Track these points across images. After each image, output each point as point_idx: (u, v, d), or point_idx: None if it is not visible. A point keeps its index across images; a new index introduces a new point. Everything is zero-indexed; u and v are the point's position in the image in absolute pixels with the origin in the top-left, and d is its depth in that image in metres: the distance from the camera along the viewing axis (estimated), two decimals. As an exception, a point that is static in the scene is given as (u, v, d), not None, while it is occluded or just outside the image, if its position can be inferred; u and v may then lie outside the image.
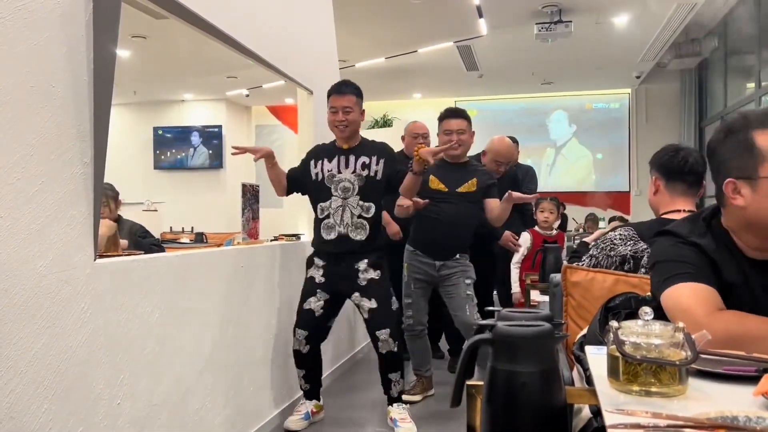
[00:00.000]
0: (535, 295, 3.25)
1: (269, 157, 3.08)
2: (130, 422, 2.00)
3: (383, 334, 2.96)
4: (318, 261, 3.07)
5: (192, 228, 8.26)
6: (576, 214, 8.98)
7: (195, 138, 10.43)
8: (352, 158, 3.03)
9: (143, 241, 3.36)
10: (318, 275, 3.05)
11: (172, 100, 10.50)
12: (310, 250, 3.66)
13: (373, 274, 3.00)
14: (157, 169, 10.53)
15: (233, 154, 3.02)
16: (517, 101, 10.47)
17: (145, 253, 2.69)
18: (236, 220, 3.29)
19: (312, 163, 3.09)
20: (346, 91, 3.02)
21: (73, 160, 1.78)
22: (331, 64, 4.50)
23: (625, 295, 1.48)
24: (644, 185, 9.69)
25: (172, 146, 10.50)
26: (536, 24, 6.41)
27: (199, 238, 7.23)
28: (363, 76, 8.57)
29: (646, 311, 1.06)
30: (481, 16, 6.37)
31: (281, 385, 3.24)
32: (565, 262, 2.12)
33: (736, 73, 7.53)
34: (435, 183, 3.40)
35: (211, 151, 10.37)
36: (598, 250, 2.02)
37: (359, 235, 2.98)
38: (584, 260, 2.07)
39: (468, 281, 3.42)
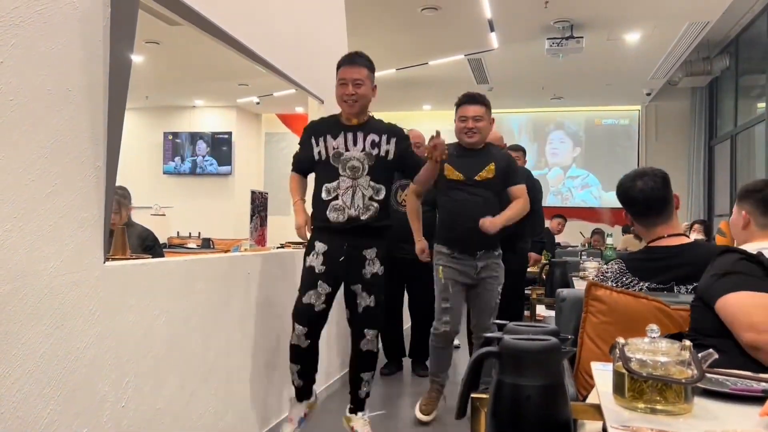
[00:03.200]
0: (541, 310, 3.25)
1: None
2: (134, 425, 2.00)
3: (371, 333, 2.81)
4: (319, 246, 2.77)
5: (199, 233, 8.29)
6: (583, 228, 8.96)
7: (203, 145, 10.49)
8: (360, 135, 2.78)
9: (149, 253, 3.35)
10: (318, 264, 2.75)
11: (183, 106, 10.58)
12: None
13: (378, 269, 2.80)
14: (166, 174, 10.59)
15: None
16: (526, 115, 10.48)
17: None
18: (244, 226, 3.30)
19: (313, 140, 2.83)
20: (358, 62, 2.81)
21: (86, 163, 1.79)
22: (342, 74, 4.52)
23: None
24: (652, 202, 9.67)
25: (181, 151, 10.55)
26: (547, 39, 6.43)
27: (206, 244, 7.28)
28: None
29: (653, 328, 1.06)
30: (492, 29, 6.40)
31: (285, 393, 3.23)
32: (578, 279, 2.13)
33: (746, 92, 7.52)
34: (451, 172, 3.19)
35: (220, 158, 10.42)
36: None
37: (370, 218, 2.76)
38: None
39: (500, 288, 3.27)
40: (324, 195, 2.77)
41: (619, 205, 2.03)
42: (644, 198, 1.93)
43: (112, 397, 1.90)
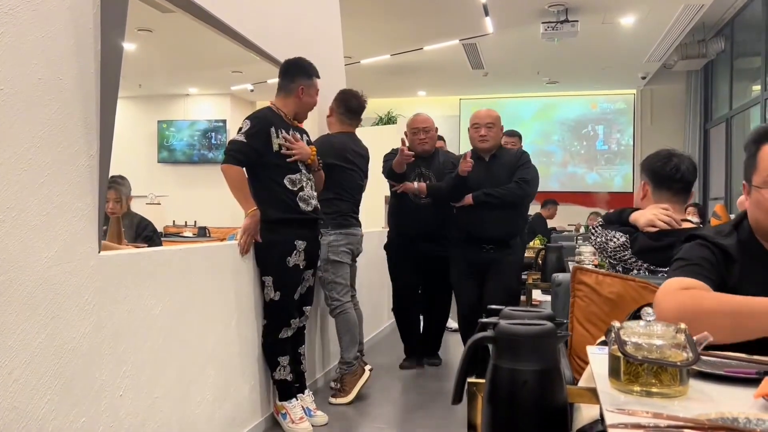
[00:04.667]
0: (537, 294, 3.26)
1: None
2: (132, 414, 2.01)
3: (308, 309, 3.14)
4: (299, 244, 2.92)
5: (195, 222, 8.28)
6: (579, 213, 8.97)
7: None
8: (301, 137, 3.02)
9: (148, 243, 3.32)
10: (301, 261, 2.94)
11: (176, 94, 10.50)
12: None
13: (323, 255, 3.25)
14: (161, 162, 10.54)
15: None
16: (522, 100, 10.45)
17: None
18: (239, 214, 3.29)
19: (273, 132, 2.85)
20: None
21: (80, 153, 1.78)
22: (336, 60, 4.50)
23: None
24: (648, 186, 9.68)
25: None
26: (542, 23, 6.39)
27: (202, 233, 7.27)
28: (368, 72, 8.56)
29: (648, 312, 1.06)
30: (487, 14, 6.36)
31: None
32: (573, 264, 2.14)
33: (742, 75, 7.51)
34: None
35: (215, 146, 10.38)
36: (596, 244, 2.07)
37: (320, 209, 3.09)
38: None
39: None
40: (289, 185, 2.88)
41: (613, 189, 2.04)
42: (681, 176, 1.96)
43: (109, 387, 1.90)
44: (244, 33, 2.96)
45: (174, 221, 9.05)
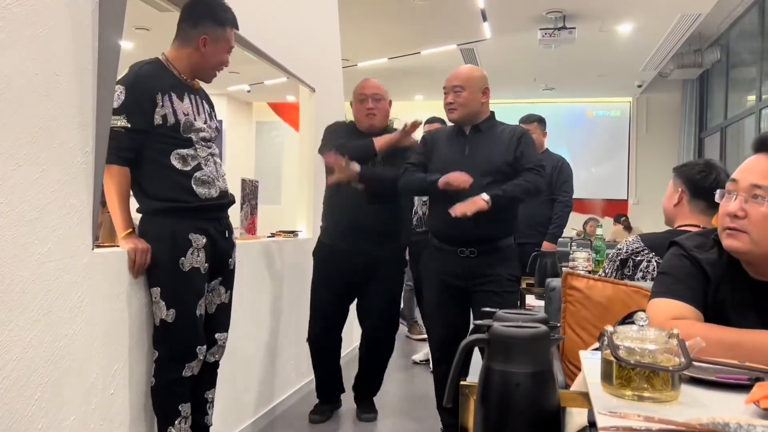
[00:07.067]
0: (531, 300, 3.26)
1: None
2: (122, 412, 2.00)
3: (223, 338, 2.32)
4: (197, 239, 2.10)
5: (189, 222, 8.25)
6: (574, 219, 8.97)
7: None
8: (201, 102, 2.28)
9: None
10: (202, 263, 2.12)
11: (173, 94, 10.49)
12: (309, 247, 3.61)
13: (236, 259, 2.37)
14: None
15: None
16: (519, 106, 10.47)
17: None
18: (234, 215, 3.28)
19: (159, 96, 2.08)
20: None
21: (75, 149, 1.78)
22: (334, 62, 4.51)
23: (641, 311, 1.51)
24: (642, 194, 9.70)
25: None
26: (540, 29, 6.42)
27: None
28: (365, 75, 8.57)
29: (642, 317, 1.06)
30: (485, 19, 6.39)
31: (272, 381, 3.24)
32: (565, 269, 2.17)
33: (737, 85, 7.56)
34: None
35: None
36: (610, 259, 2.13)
37: (232, 195, 2.33)
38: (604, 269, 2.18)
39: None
40: (178, 164, 2.10)
41: (608, 197, 2.07)
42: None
43: (100, 385, 1.89)
44: (242, 33, 2.94)
45: (168, 221, 9.04)
